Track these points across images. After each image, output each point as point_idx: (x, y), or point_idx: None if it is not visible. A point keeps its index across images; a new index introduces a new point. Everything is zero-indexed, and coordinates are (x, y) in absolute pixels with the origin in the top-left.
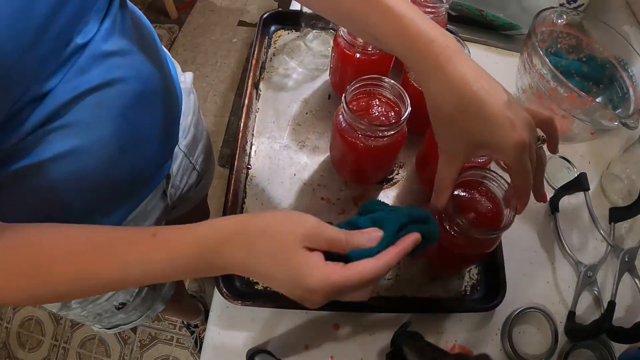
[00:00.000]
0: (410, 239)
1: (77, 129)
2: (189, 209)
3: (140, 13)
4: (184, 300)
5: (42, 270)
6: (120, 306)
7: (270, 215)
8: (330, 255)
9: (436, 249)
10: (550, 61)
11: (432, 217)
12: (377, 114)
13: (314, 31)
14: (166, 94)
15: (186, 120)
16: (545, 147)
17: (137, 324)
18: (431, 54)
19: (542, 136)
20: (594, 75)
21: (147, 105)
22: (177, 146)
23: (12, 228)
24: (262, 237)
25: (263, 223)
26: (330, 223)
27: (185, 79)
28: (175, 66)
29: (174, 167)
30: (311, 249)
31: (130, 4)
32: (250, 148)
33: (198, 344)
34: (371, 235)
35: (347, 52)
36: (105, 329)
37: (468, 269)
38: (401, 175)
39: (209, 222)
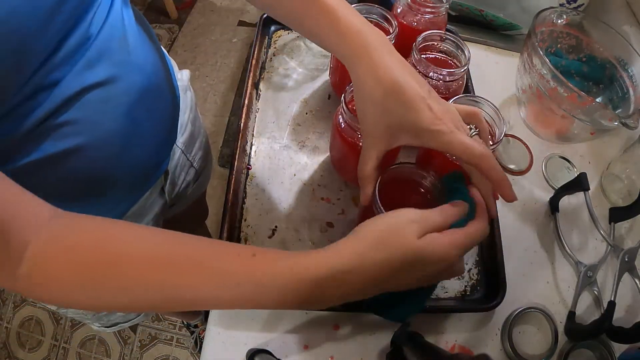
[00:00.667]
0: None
1: (84, 126)
2: (187, 207)
3: (138, 12)
4: None
5: (118, 271)
6: None
7: (370, 226)
8: None
9: None
10: (550, 61)
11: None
12: None
13: None
14: (167, 91)
15: (183, 117)
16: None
17: (136, 322)
18: (361, 43)
19: (474, 127)
20: (594, 75)
21: (150, 102)
22: (174, 143)
23: (78, 217)
24: (382, 249)
25: (372, 234)
26: (330, 224)
27: (182, 77)
28: (172, 64)
29: (172, 164)
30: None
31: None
32: (250, 148)
33: (198, 344)
34: (464, 207)
35: None
36: (105, 327)
37: (468, 270)
38: None
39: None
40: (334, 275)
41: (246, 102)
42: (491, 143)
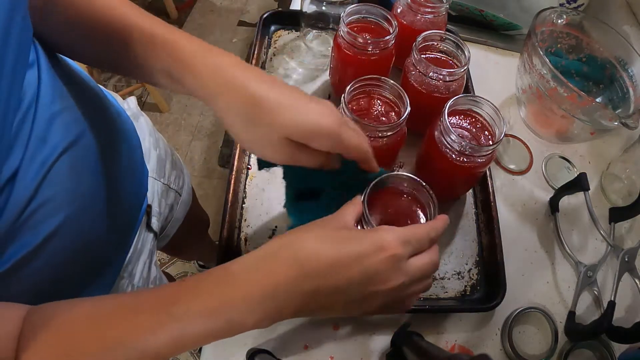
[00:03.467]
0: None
1: (58, 202)
2: (181, 225)
3: (61, 57)
4: None
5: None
6: None
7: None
8: None
9: None
10: (550, 61)
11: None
12: (376, 114)
13: (314, 31)
14: (124, 130)
15: (144, 145)
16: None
17: None
18: (220, 81)
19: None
20: (594, 75)
21: (114, 148)
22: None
23: (39, 311)
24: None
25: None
26: None
27: (129, 106)
28: (115, 97)
29: (149, 195)
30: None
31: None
32: None
33: None
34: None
35: (347, 52)
36: None
37: (468, 270)
38: None
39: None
40: (269, 302)
41: None
42: (491, 143)
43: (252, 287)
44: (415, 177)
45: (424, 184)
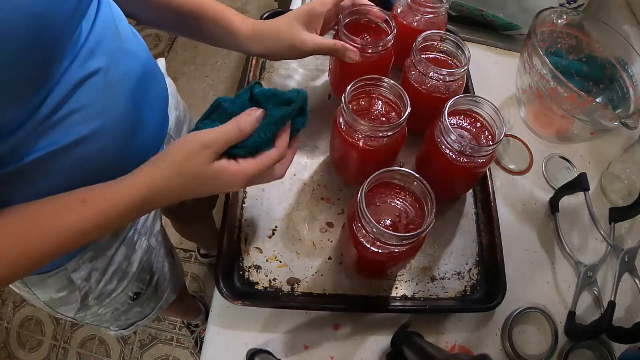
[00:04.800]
0: (287, 130)
1: (92, 112)
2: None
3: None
4: (186, 298)
5: None
6: (134, 296)
7: (172, 149)
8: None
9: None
10: (550, 61)
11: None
12: (377, 114)
13: None
14: (158, 76)
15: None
16: None
17: (151, 318)
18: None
19: None
20: (594, 75)
21: (147, 86)
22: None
23: None
24: (177, 178)
25: (172, 162)
26: (330, 223)
27: (160, 65)
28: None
29: (164, 147)
30: (218, 156)
31: None
32: None
33: (198, 344)
34: (256, 114)
35: None
36: (122, 329)
37: (468, 270)
38: None
39: (131, 184)
40: (148, 199)
41: None
42: (491, 143)
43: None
44: (410, 171)
45: (417, 176)
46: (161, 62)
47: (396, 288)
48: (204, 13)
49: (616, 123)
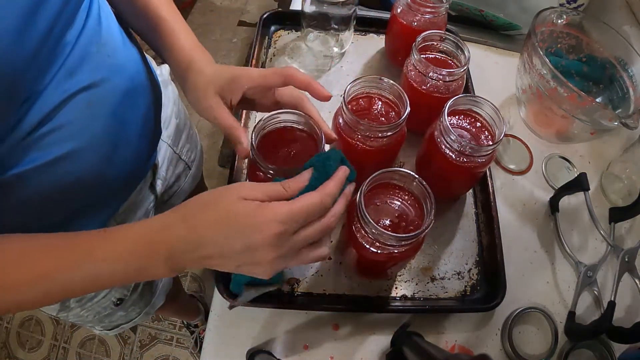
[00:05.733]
0: (342, 171)
1: (71, 131)
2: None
3: (110, 10)
4: (181, 298)
5: None
6: (118, 302)
7: (208, 192)
8: None
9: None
10: (550, 61)
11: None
12: (376, 114)
13: (315, 32)
14: (149, 89)
15: (167, 111)
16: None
17: (137, 321)
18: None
19: None
20: (594, 75)
21: (134, 101)
22: (160, 138)
23: None
24: (202, 208)
25: (201, 198)
26: None
27: (162, 72)
28: (150, 60)
29: (159, 158)
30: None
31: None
32: None
33: (198, 344)
34: (304, 176)
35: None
36: (107, 330)
37: (468, 270)
38: None
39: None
40: (160, 235)
41: None
42: (491, 143)
43: (155, 244)
44: (409, 172)
45: (417, 176)
46: (165, 69)
47: (396, 288)
48: (160, 27)
49: (616, 123)
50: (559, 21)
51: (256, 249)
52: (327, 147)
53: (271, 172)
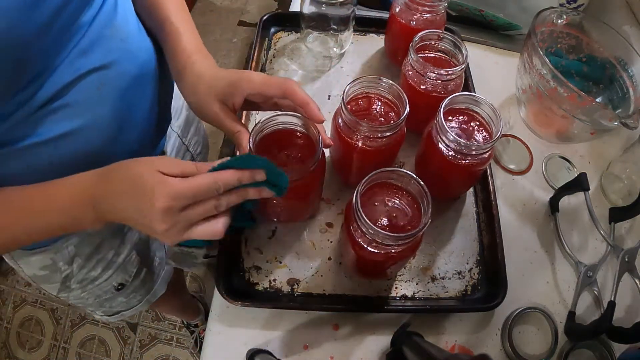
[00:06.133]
0: (253, 171)
1: (80, 109)
2: None
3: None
4: (183, 294)
5: None
6: (119, 287)
7: (139, 158)
8: None
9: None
10: (550, 61)
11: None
12: (376, 114)
13: (315, 32)
14: (160, 78)
15: (178, 102)
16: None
17: (138, 309)
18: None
19: None
20: (594, 75)
21: (143, 87)
22: (170, 127)
23: None
24: (121, 168)
25: (126, 161)
26: (330, 224)
27: None
28: None
29: (168, 146)
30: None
31: None
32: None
33: (198, 344)
34: (218, 160)
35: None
36: (107, 315)
37: (469, 269)
38: None
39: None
40: (87, 192)
41: None
42: (489, 141)
43: (82, 201)
44: (406, 171)
45: (413, 175)
46: None
47: (396, 288)
48: (165, 28)
49: (616, 123)
50: (559, 21)
51: (147, 218)
52: (325, 150)
53: None
